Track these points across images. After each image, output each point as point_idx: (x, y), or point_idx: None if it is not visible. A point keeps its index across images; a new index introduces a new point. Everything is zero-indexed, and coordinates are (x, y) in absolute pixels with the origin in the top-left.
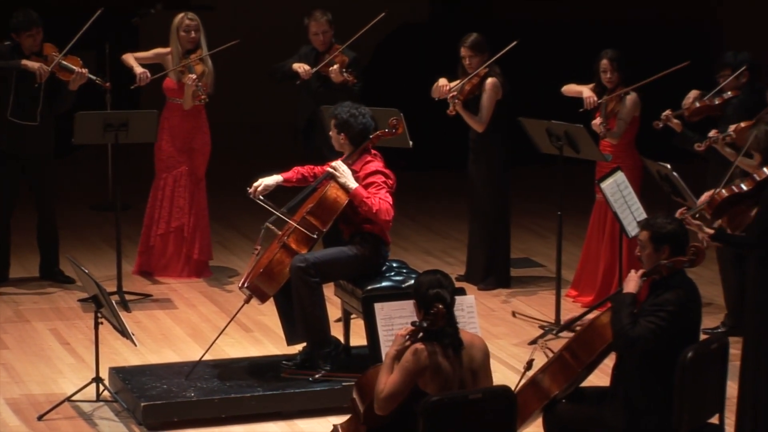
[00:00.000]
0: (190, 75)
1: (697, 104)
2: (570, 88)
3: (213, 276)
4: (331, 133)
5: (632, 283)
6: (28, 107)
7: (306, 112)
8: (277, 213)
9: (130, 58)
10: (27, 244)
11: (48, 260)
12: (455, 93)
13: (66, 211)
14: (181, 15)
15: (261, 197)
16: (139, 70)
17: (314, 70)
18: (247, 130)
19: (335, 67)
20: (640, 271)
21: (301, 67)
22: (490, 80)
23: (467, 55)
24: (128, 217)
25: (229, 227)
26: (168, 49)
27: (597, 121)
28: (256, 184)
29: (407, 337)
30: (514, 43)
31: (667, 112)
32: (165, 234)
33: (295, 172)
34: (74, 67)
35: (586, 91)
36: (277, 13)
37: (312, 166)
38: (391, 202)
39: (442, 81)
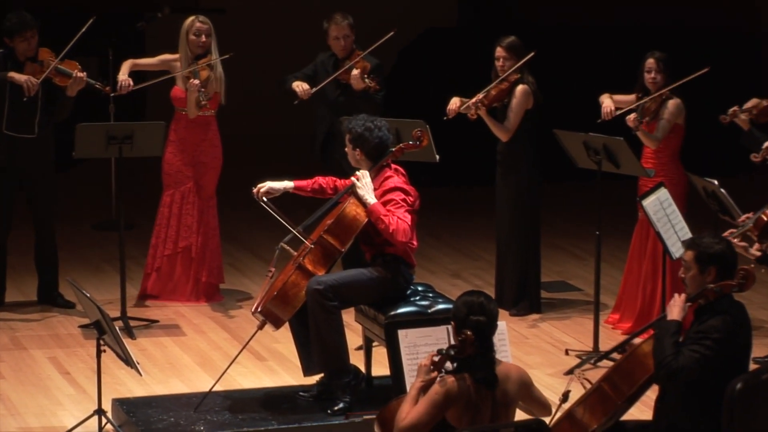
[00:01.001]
0: (194, 80)
1: (765, 103)
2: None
3: (224, 300)
4: (346, 149)
5: (676, 308)
6: (24, 118)
7: (325, 123)
8: (294, 231)
9: (126, 65)
10: (24, 266)
11: (47, 283)
12: (481, 96)
13: (66, 230)
14: (192, 18)
15: (264, 200)
16: (121, 77)
17: (329, 79)
18: (261, 142)
19: (356, 72)
20: (684, 295)
21: (299, 86)
22: (520, 87)
23: (502, 56)
24: (133, 236)
25: (241, 248)
26: (176, 56)
27: (632, 116)
28: (260, 185)
29: (431, 367)
30: (531, 54)
31: (735, 108)
32: (172, 255)
33: (312, 182)
34: (71, 71)
35: (605, 100)
36: (294, 16)
37: (335, 178)
38: (410, 223)
39: (455, 100)
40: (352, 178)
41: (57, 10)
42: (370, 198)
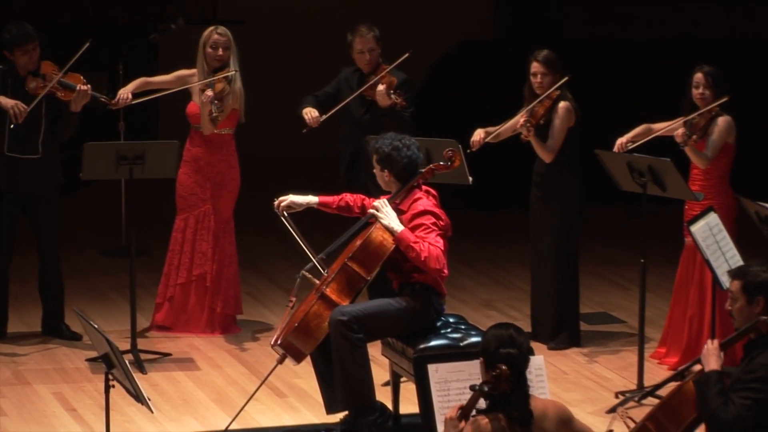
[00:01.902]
0: (207, 92)
1: None
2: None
3: (241, 332)
4: (374, 170)
5: (712, 358)
6: (27, 138)
7: (350, 143)
8: (313, 259)
9: (136, 82)
10: (27, 295)
11: (51, 313)
12: (527, 117)
13: (73, 256)
14: (210, 29)
15: (285, 214)
16: (121, 91)
17: (353, 96)
18: (282, 163)
19: (381, 88)
20: (717, 342)
21: (308, 114)
22: (562, 104)
23: (539, 71)
24: (144, 263)
25: (260, 276)
26: (193, 71)
27: (681, 130)
28: (282, 198)
29: (457, 420)
30: (566, 78)
31: None
32: (186, 284)
33: (339, 198)
34: (75, 85)
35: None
36: (317, 28)
37: (363, 196)
38: (442, 248)
39: (479, 132)
40: (371, 210)
41: (62, 21)
42: (397, 225)
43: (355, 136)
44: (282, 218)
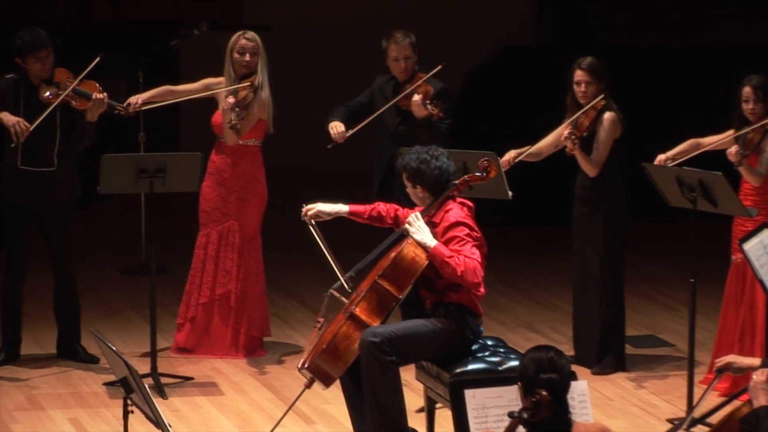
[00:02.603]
0: (229, 98)
1: None
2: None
3: (267, 355)
4: (407, 189)
5: (760, 392)
6: (41, 150)
7: (384, 156)
8: (341, 278)
9: (155, 90)
10: (42, 315)
11: (67, 335)
12: (571, 128)
13: (90, 274)
14: (238, 34)
15: (313, 223)
16: (133, 97)
17: (387, 106)
18: (311, 176)
19: (417, 98)
20: (765, 373)
21: (334, 128)
22: (608, 115)
23: (583, 80)
24: (166, 282)
25: (286, 295)
26: (220, 79)
27: (734, 149)
28: (310, 206)
29: None
30: (601, 99)
31: None
32: (208, 303)
33: (371, 208)
34: (91, 93)
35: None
36: (347, 34)
37: (397, 206)
38: (479, 260)
39: (510, 153)
40: (406, 225)
41: (79, 26)
42: (430, 240)
43: (389, 148)
44: (309, 227)
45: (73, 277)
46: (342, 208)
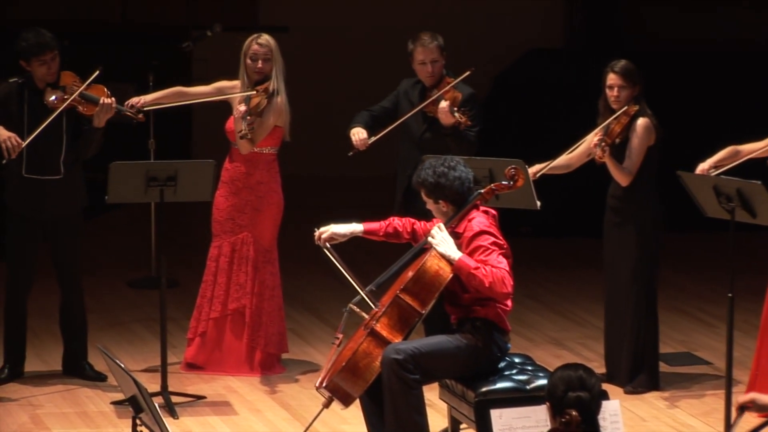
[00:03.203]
0: (240, 106)
1: None
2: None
3: (283, 373)
4: (427, 206)
5: None
6: (47, 158)
7: (409, 164)
8: (362, 293)
9: (167, 91)
10: (47, 330)
11: (73, 351)
12: (601, 135)
13: (97, 287)
14: (251, 38)
15: (328, 246)
16: (134, 99)
17: (412, 112)
18: (330, 185)
19: (444, 105)
20: None
21: (355, 135)
22: (641, 121)
23: (617, 84)
24: (176, 296)
25: (303, 310)
26: (234, 83)
27: None
28: (323, 229)
29: None
30: (634, 104)
31: None
32: (220, 318)
33: (386, 224)
34: (98, 97)
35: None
36: (368, 35)
37: (413, 220)
38: (507, 269)
39: (536, 167)
40: (429, 238)
41: (87, 28)
42: (454, 252)
43: (414, 156)
44: (324, 251)
45: (79, 291)
46: (356, 227)
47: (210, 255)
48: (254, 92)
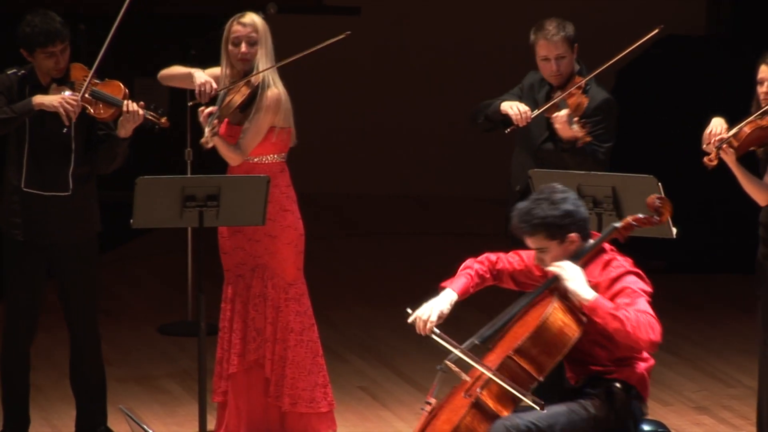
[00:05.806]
0: (206, 108)
1: None
2: None
3: None
4: (545, 255)
5: None
6: (52, 169)
7: (522, 178)
8: (467, 358)
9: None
10: (55, 387)
11: (88, 412)
12: (726, 135)
13: (119, 334)
14: (232, 18)
15: (436, 331)
16: (197, 76)
17: (536, 113)
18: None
19: (563, 114)
20: None
21: (512, 108)
22: None
23: None
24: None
25: (379, 364)
26: (212, 70)
27: None
28: (423, 317)
29: None
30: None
31: None
32: (238, 374)
33: (470, 279)
34: (116, 98)
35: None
36: (462, 18)
37: (493, 256)
38: (655, 315)
39: (717, 123)
40: (553, 269)
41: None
42: (586, 292)
43: (529, 167)
44: (433, 339)
45: (95, 338)
46: (452, 296)
47: (224, 296)
48: (237, 87)
